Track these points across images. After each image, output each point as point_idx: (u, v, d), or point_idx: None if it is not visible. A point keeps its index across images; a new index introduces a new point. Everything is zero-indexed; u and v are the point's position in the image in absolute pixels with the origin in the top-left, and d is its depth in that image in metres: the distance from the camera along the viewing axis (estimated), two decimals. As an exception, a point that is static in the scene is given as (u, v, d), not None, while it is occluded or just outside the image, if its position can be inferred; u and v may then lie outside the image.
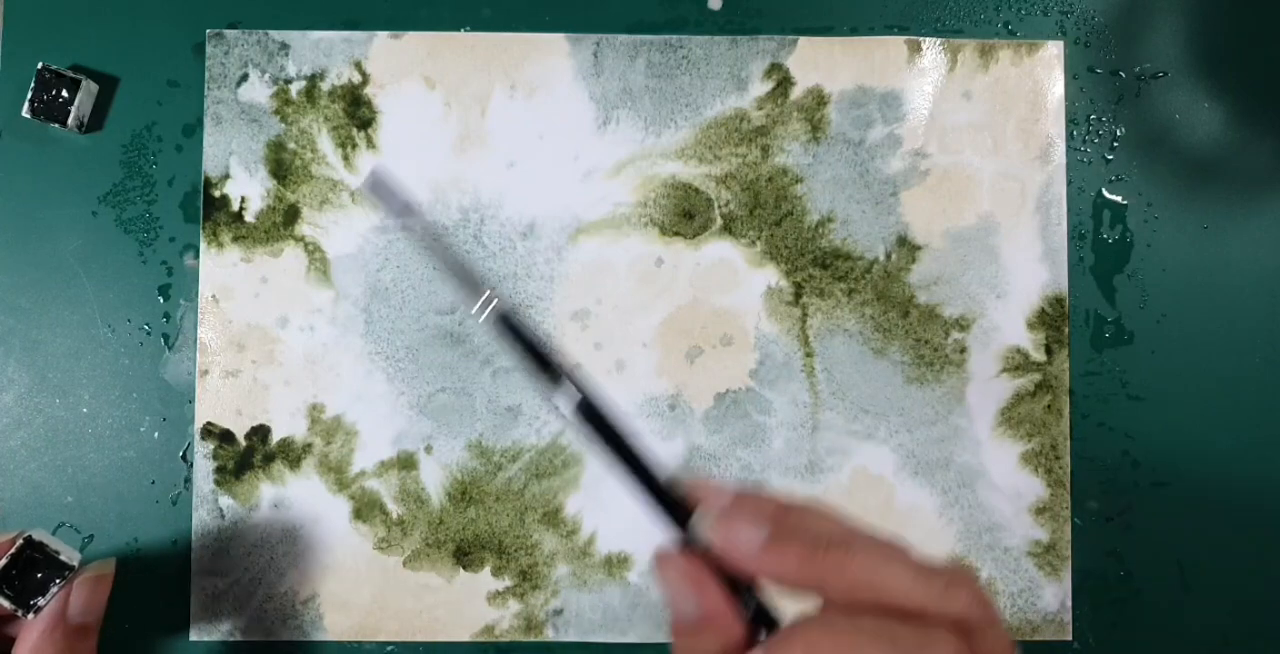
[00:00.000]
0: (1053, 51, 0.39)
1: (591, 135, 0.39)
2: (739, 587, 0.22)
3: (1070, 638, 0.38)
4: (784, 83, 0.39)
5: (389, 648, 0.38)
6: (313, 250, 0.39)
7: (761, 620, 0.22)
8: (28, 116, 0.38)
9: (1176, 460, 0.39)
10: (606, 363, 0.39)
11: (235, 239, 0.39)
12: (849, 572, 0.20)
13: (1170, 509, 0.39)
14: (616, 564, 0.38)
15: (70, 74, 0.38)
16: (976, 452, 0.39)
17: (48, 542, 0.32)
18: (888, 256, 0.39)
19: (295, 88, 0.39)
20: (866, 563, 0.21)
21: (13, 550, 0.31)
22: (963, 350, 0.39)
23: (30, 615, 0.31)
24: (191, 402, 0.38)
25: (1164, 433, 0.39)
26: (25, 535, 0.32)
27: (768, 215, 0.39)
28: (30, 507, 0.38)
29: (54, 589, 0.32)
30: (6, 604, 0.31)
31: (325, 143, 0.39)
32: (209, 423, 0.38)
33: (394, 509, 0.38)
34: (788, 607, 0.23)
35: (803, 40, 0.39)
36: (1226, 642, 0.39)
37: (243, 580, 0.38)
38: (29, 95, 0.38)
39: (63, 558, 0.32)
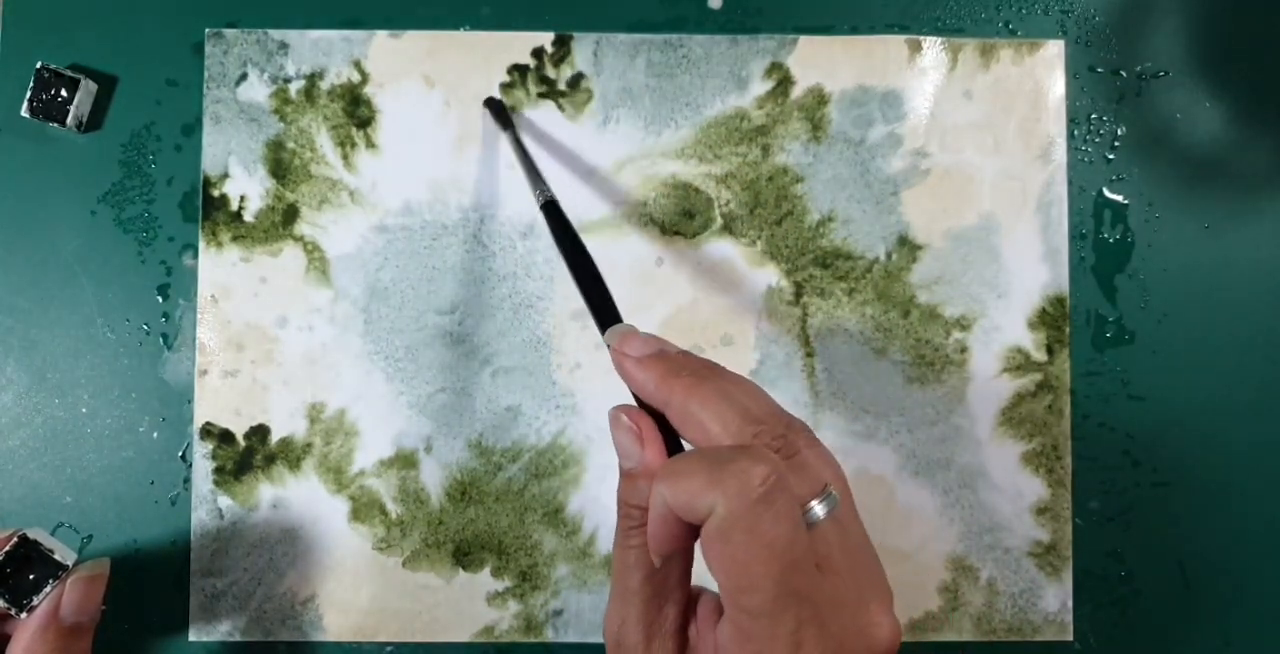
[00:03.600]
0: (1053, 51, 0.39)
1: (591, 135, 0.39)
2: (672, 444, 0.25)
3: (1071, 638, 0.38)
4: (784, 82, 0.39)
5: (388, 648, 0.38)
6: (312, 250, 0.39)
7: None
8: (26, 116, 0.38)
9: (1177, 460, 0.39)
10: (607, 363, 0.39)
11: (234, 239, 0.39)
12: (688, 401, 0.23)
13: (1171, 509, 0.39)
14: (616, 564, 0.38)
15: (69, 73, 0.38)
16: (977, 452, 0.39)
17: (42, 540, 0.32)
18: (888, 256, 0.39)
19: (294, 87, 0.39)
20: (706, 397, 0.23)
21: (7, 549, 0.31)
22: (963, 350, 0.39)
23: (24, 614, 0.31)
24: (190, 401, 0.38)
25: (1165, 433, 0.39)
26: (20, 534, 0.32)
27: (768, 215, 0.39)
28: (29, 506, 0.38)
29: (48, 588, 0.32)
30: (0, 603, 0.31)
31: (324, 142, 0.39)
32: (208, 423, 0.38)
33: (393, 509, 0.38)
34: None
35: (803, 39, 0.39)
36: (1227, 642, 0.39)
37: (242, 581, 0.38)
38: (28, 95, 0.38)
39: (57, 557, 0.32)
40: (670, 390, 0.24)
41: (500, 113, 0.38)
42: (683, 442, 0.25)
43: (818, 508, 0.23)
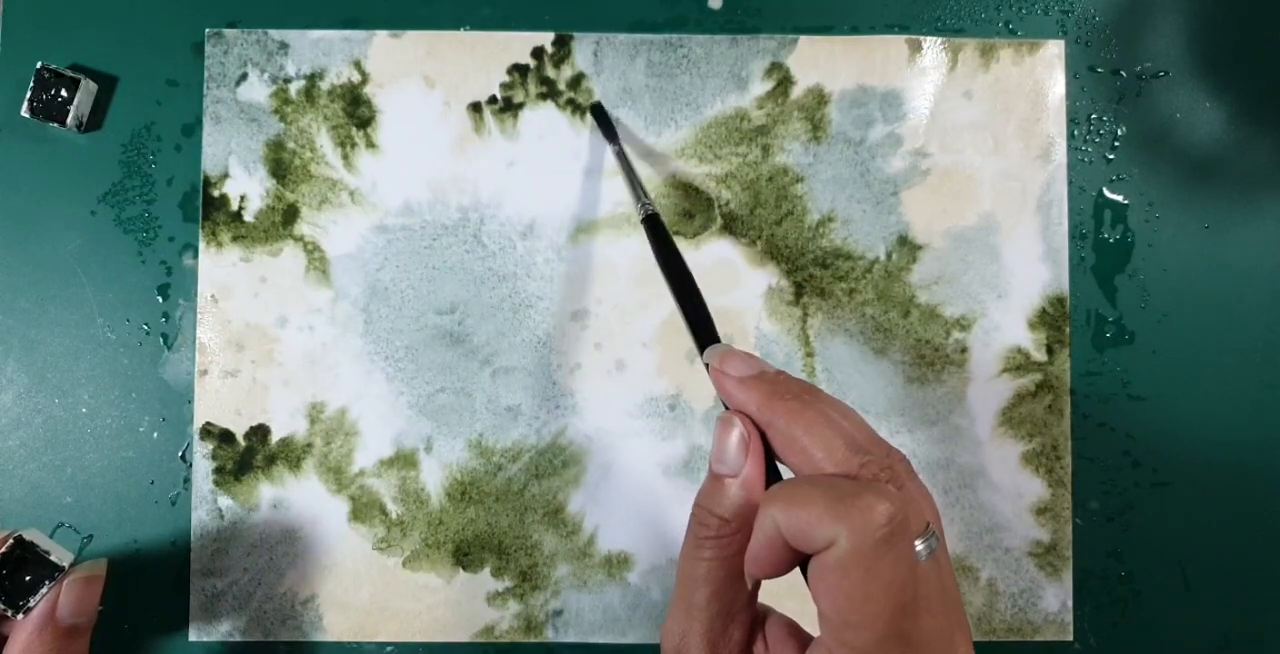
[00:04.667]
0: (1053, 51, 0.39)
1: (592, 134, 0.39)
2: (769, 460, 0.25)
3: (1071, 638, 0.38)
4: (784, 82, 0.39)
5: (388, 649, 0.38)
6: (312, 250, 0.39)
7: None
8: (27, 116, 0.38)
9: (1178, 460, 0.39)
10: (606, 363, 0.39)
11: (234, 239, 0.39)
12: (793, 426, 0.23)
13: (1171, 509, 0.39)
14: (616, 564, 0.38)
15: (69, 73, 0.38)
16: (977, 452, 0.39)
17: (38, 542, 0.32)
18: (888, 256, 0.39)
19: (294, 87, 0.39)
20: (811, 422, 0.23)
21: (3, 550, 0.31)
22: (963, 350, 0.39)
23: (20, 616, 0.31)
24: (191, 401, 0.38)
25: (1165, 433, 0.39)
26: (16, 535, 0.32)
27: (768, 215, 0.39)
28: (29, 507, 0.38)
29: (44, 589, 0.32)
30: None
31: (324, 142, 0.39)
32: (208, 423, 0.38)
33: (393, 509, 0.38)
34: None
35: (803, 39, 0.39)
36: (1227, 642, 0.39)
37: (242, 581, 0.38)
38: (28, 95, 0.38)
39: (53, 558, 0.32)
40: (774, 413, 0.24)
41: (605, 122, 0.38)
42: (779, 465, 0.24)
43: (922, 547, 0.22)
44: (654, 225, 0.31)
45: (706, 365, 0.26)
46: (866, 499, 0.21)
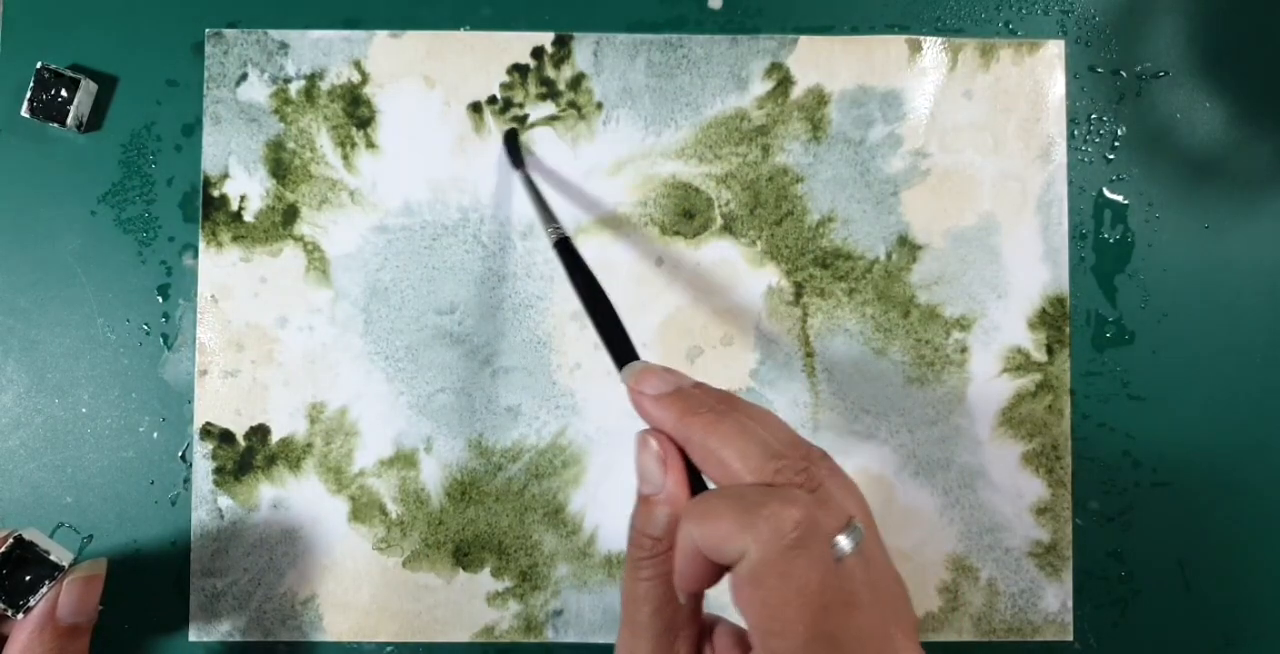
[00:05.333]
0: (1053, 51, 0.39)
1: (591, 134, 0.39)
2: (694, 474, 0.25)
3: (1071, 638, 0.38)
4: (784, 82, 0.39)
5: (388, 649, 0.38)
6: (312, 250, 0.39)
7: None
8: (27, 116, 0.38)
9: (1177, 460, 0.39)
10: (606, 363, 0.39)
11: (234, 239, 0.39)
12: (708, 438, 0.23)
13: (1171, 509, 0.39)
14: (617, 564, 0.38)
15: (69, 73, 0.38)
16: (977, 452, 0.39)
17: (38, 541, 0.32)
18: (888, 256, 0.39)
19: (294, 87, 0.39)
20: (725, 434, 0.23)
21: (3, 550, 0.31)
22: (963, 350, 0.39)
23: (20, 615, 0.31)
24: (190, 402, 0.38)
25: (1165, 433, 0.39)
26: (15, 535, 0.32)
27: (768, 215, 0.39)
28: (29, 507, 0.38)
29: (44, 589, 0.32)
30: None
31: (324, 142, 0.39)
32: (208, 423, 0.38)
33: (393, 509, 0.38)
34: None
35: (803, 39, 0.39)
36: (1228, 642, 0.39)
37: (241, 581, 0.38)
38: (28, 95, 0.38)
39: (53, 558, 0.32)
40: (689, 428, 0.24)
41: (513, 149, 0.38)
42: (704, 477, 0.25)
43: (844, 543, 0.22)
44: (565, 249, 0.31)
45: (625, 384, 0.26)
46: (771, 507, 0.21)
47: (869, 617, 0.22)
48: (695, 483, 0.24)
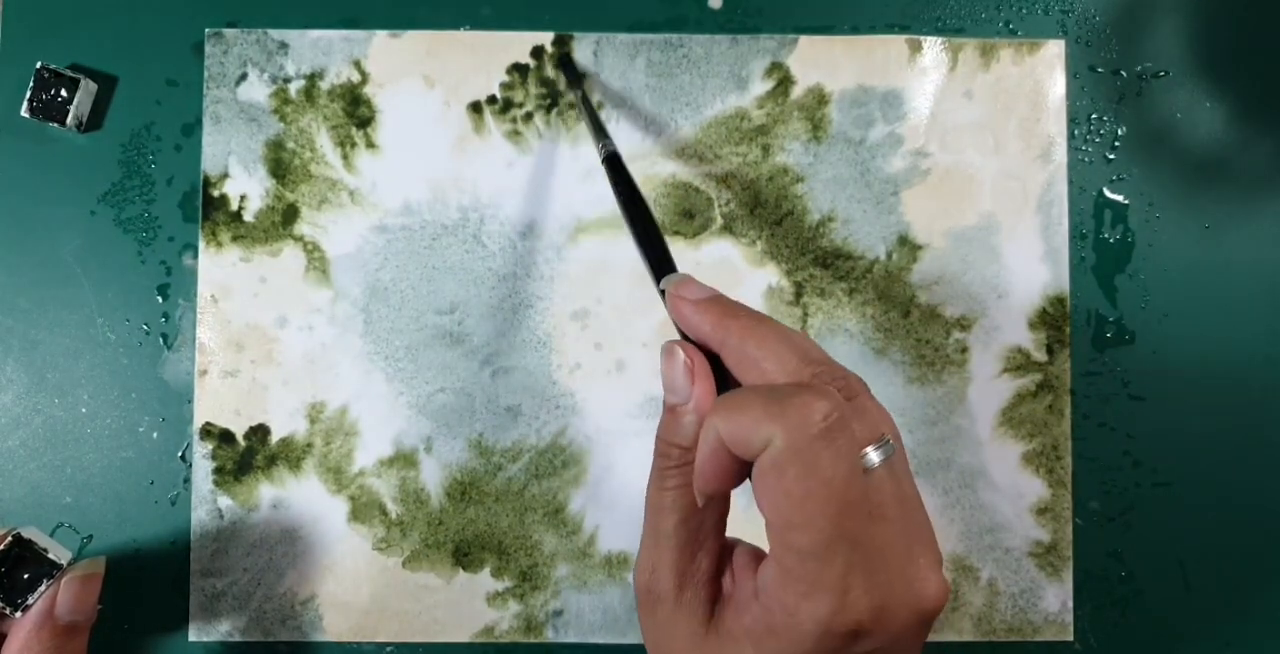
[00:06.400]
0: (1054, 50, 0.39)
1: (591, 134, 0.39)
2: (722, 387, 0.24)
3: (1072, 638, 0.38)
4: (784, 82, 0.39)
5: (388, 649, 0.38)
6: (311, 250, 0.39)
7: None
8: (26, 116, 0.38)
9: (1178, 460, 0.39)
10: (606, 363, 0.39)
11: (234, 238, 0.39)
12: (745, 341, 0.23)
13: (1172, 509, 0.39)
14: (617, 564, 0.38)
15: (69, 73, 0.38)
16: (978, 452, 0.39)
17: (37, 540, 0.32)
18: (889, 256, 0.39)
19: (294, 87, 0.39)
20: (764, 337, 0.23)
21: (1, 548, 0.31)
22: (964, 350, 0.39)
23: (18, 613, 0.31)
24: (190, 401, 0.38)
25: (1165, 433, 0.39)
26: (14, 533, 0.32)
27: (768, 215, 0.39)
28: (29, 507, 0.38)
29: (42, 587, 0.32)
30: None
31: (324, 142, 0.39)
32: (208, 423, 0.38)
33: (393, 509, 0.38)
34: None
35: (803, 39, 0.39)
36: (1227, 642, 0.39)
37: (241, 581, 0.38)
38: (27, 94, 0.38)
39: (51, 556, 0.32)
40: (727, 331, 0.24)
41: (569, 68, 0.38)
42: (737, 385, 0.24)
43: (874, 454, 0.22)
44: (614, 165, 0.31)
45: (662, 293, 0.26)
46: (803, 397, 0.21)
47: (894, 531, 0.21)
48: (722, 392, 0.24)
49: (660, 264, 0.27)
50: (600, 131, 0.34)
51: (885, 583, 0.21)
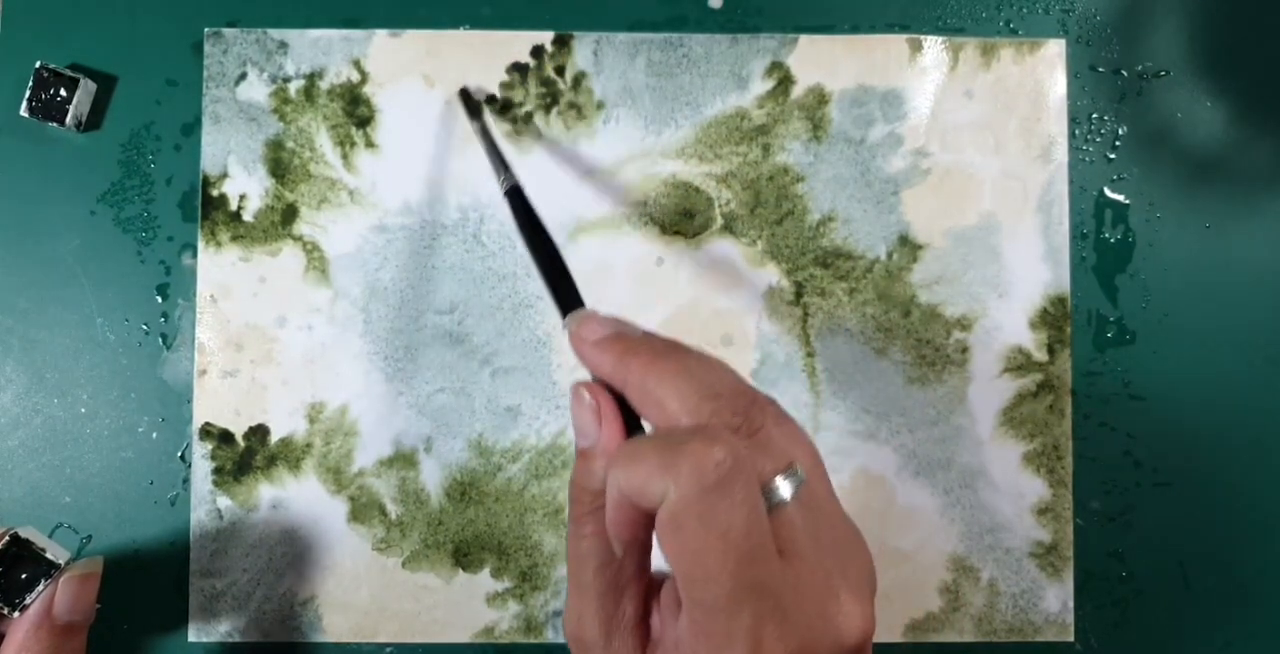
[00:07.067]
0: (1054, 50, 0.39)
1: (592, 134, 0.39)
2: (631, 424, 0.24)
3: (1072, 639, 0.38)
4: (785, 81, 0.39)
5: (388, 649, 0.38)
6: (311, 250, 0.39)
7: None
8: (25, 115, 0.38)
9: (1179, 460, 0.39)
10: (606, 363, 0.39)
11: (233, 238, 0.39)
12: (645, 379, 0.22)
13: (1172, 509, 0.39)
14: (616, 565, 0.38)
15: (68, 73, 0.37)
16: (978, 452, 0.38)
17: (34, 539, 0.32)
18: (889, 256, 0.39)
19: (294, 86, 0.39)
20: (663, 373, 0.22)
21: None
22: (964, 350, 0.39)
23: (16, 613, 0.31)
24: (190, 401, 0.38)
25: (1166, 433, 0.39)
26: (11, 532, 0.32)
27: (768, 214, 0.39)
28: (28, 507, 0.38)
29: (40, 587, 0.32)
30: None
31: (324, 141, 0.39)
32: (207, 423, 0.38)
33: (393, 509, 0.38)
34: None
35: (804, 39, 0.39)
36: (1228, 642, 0.38)
37: (241, 581, 0.38)
38: (27, 94, 0.37)
39: (49, 556, 0.32)
40: (628, 369, 0.23)
41: (468, 102, 0.38)
42: (644, 424, 0.24)
43: (782, 489, 0.21)
44: (516, 198, 0.31)
45: (567, 332, 0.26)
46: (693, 445, 0.20)
47: (808, 568, 0.21)
48: (633, 435, 0.23)
49: (565, 299, 0.27)
50: (501, 165, 0.33)
51: (802, 625, 0.20)
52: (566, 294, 0.27)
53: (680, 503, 0.20)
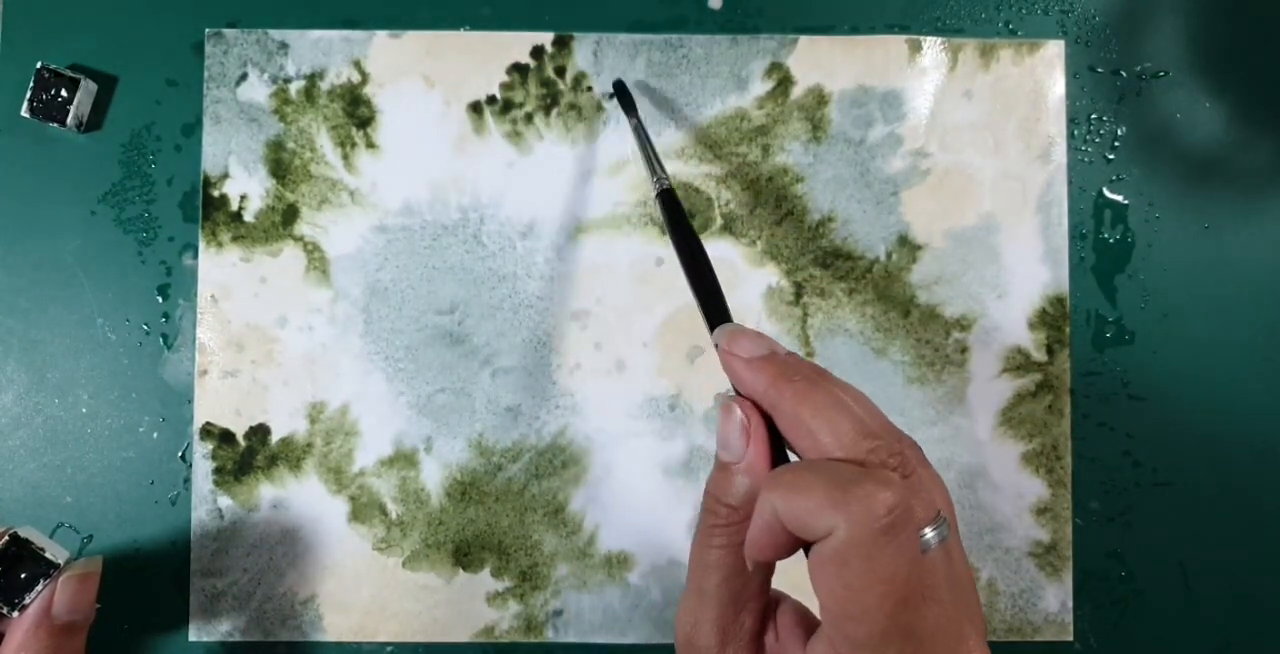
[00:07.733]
0: (1053, 51, 0.39)
1: (592, 134, 0.39)
2: (774, 444, 0.24)
3: (1071, 638, 0.38)
4: (784, 82, 0.39)
5: (388, 649, 0.38)
6: (312, 250, 0.39)
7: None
8: (26, 116, 0.38)
9: (1178, 460, 0.39)
10: (606, 363, 0.39)
11: (234, 239, 0.39)
12: (800, 408, 0.22)
13: (1171, 509, 0.39)
14: (617, 564, 0.38)
15: (69, 73, 0.38)
16: (977, 452, 0.39)
17: (34, 539, 0.32)
18: (888, 256, 0.39)
19: (294, 87, 0.39)
20: (819, 405, 0.22)
21: None
22: (964, 350, 0.39)
23: (16, 613, 0.31)
24: (190, 401, 0.38)
25: (1165, 433, 0.39)
26: (11, 532, 0.32)
27: (768, 215, 0.39)
28: (29, 507, 0.38)
29: (39, 587, 0.32)
30: None
31: (324, 142, 0.39)
32: (208, 423, 0.38)
33: (393, 509, 0.38)
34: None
35: (803, 39, 0.39)
36: (1228, 642, 0.38)
37: (241, 581, 0.38)
38: (28, 95, 0.38)
39: (48, 555, 0.32)
40: (781, 395, 0.23)
41: (624, 96, 0.37)
42: (787, 449, 0.24)
43: (930, 536, 0.22)
44: (669, 201, 0.31)
45: (716, 345, 0.25)
46: (867, 487, 0.20)
47: (946, 612, 0.21)
48: (776, 454, 0.24)
49: (713, 311, 0.27)
50: (656, 164, 0.33)
51: None
52: (715, 307, 0.27)
53: (849, 542, 0.20)
